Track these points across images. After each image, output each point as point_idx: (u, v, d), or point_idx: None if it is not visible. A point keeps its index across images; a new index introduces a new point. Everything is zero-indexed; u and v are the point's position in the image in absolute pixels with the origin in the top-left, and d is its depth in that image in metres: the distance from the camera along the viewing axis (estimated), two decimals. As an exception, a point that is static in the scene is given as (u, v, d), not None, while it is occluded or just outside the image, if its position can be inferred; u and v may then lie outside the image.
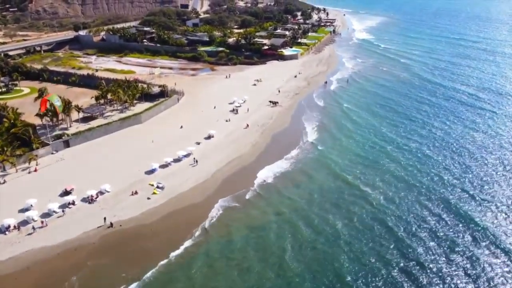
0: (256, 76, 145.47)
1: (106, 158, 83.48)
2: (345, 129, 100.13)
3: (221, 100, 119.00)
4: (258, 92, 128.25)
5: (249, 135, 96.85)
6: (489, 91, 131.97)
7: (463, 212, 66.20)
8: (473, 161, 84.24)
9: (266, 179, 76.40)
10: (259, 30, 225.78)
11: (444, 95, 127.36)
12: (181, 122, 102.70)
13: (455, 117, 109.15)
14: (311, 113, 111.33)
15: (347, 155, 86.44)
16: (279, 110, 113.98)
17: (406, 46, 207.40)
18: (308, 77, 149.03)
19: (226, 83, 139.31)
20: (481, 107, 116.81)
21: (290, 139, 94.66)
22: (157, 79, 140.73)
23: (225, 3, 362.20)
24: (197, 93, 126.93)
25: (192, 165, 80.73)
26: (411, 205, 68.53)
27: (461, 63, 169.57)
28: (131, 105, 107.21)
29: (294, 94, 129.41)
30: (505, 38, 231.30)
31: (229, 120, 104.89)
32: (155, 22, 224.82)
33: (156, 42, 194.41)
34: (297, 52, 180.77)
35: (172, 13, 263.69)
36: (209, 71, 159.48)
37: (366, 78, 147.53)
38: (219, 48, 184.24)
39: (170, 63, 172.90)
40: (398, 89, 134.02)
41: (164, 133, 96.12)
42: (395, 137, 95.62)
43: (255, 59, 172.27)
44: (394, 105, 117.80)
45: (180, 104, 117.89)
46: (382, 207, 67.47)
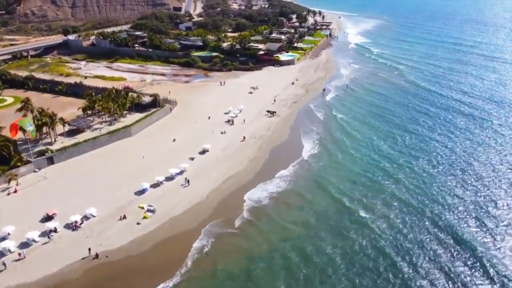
0: (252, 83, 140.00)
1: (93, 177, 77.50)
2: (344, 145, 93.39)
3: (216, 110, 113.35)
4: (254, 101, 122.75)
5: (246, 149, 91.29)
6: (490, 101, 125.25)
7: (470, 242, 60.10)
8: (478, 180, 77.73)
9: (262, 200, 70.61)
10: (254, 34, 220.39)
11: (444, 105, 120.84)
12: (174, 134, 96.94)
13: (456, 130, 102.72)
14: (310, 125, 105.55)
15: (345, 174, 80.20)
16: (277, 121, 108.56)
17: (403, 51, 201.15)
18: (306, 84, 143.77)
19: (221, 91, 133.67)
20: (483, 118, 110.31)
21: (289, 154, 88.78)
22: (149, 86, 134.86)
23: (219, 5, 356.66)
24: (190, 102, 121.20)
25: (183, 185, 74.76)
26: (415, 233, 62.48)
27: (459, 70, 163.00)
28: (121, 117, 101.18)
29: (292, 102, 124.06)
30: (502, 43, 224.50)
31: (225, 132, 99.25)
32: (147, 26, 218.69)
33: (148, 47, 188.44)
34: (294, 57, 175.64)
35: (164, 16, 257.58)
36: (203, 78, 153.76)
37: (363, 86, 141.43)
38: (213, 53, 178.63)
39: (163, 69, 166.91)
40: (396, 98, 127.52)
41: (155, 147, 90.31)
42: (395, 153, 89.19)
43: (251, 64, 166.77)
44: (393, 117, 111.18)
45: (173, 114, 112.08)
46: (384, 236, 61.47)
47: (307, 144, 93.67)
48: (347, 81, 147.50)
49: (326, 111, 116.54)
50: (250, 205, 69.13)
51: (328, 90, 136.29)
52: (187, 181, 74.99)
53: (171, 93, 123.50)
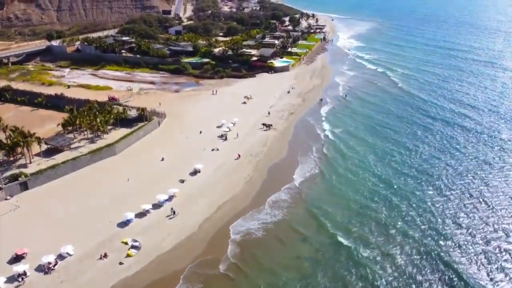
0: (246, 92, 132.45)
1: (71, 205, 69.44)
2: (342, 165, 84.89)
3: (208, 123, 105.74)
4: (248, 112, 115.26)
5: (242, 168, 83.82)
6: (492, 112, 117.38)
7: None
8: (489, 210, 69.50)
9: (254, 233, 63.07)
10: (246, 38, 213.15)
11: (444, 118, 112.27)
12: (162, 152, 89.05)
13: (459, 146, 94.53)
14: (308, 140, 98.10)
15: (343, 202, 71.79)
16: (274, 135, 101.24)
17: (398, 57, 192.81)
18: (302, 93, 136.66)
19: (213, 101, 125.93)
20: (486, 133, 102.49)
21: (288, 174, 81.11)
22: (136, 96, 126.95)
23: (209, 8, 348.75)
24: (181, 114, 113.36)
25: (169, 217, 66.73)
26: (422, 275, 55.01)
27: (457, 78, 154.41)
28: (104, 133, 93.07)
29: (289, 113, 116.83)
30: (500, 47, 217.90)
31: (218, 149, 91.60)
32: (135, 31, 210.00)
33: (136, 53, 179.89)
34: (288, 63, 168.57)
35: (153, 20, 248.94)
36: (194, 86, 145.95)
37: (360, 97, 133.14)
38: (204, 59, 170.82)
39: (151, 76, 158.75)
40: (394, 111, 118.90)
41: (142, 168, 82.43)
42: (396, 175, 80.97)
43: (244, 71, 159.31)
44: (392, 132, 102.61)
45: (162, 128, 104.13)
46: (388, 280, 54.11)
47: (305, 163, 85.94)
48: (345, 90, 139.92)
49: (324, 124, 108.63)
50: (239, 240, 61.36)
51: (325, 100, 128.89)
52: (173, 211, 66.95)
53: (160, 105, 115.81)
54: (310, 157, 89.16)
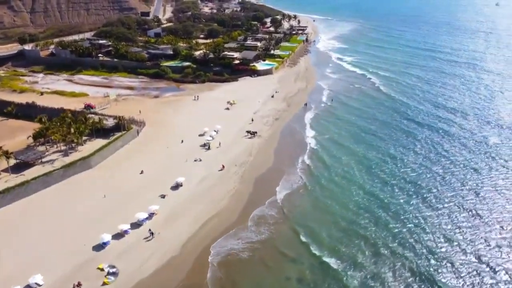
0: (229, 97, 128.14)
1: (42, 226, 64.01)
2: (327, 178, 79.95)
3: (190, 131, 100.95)
4: (232, 119, 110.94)
5: (226, 180, 79.47)
6: (477, 117, 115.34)
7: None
8: (482, 225, 65.56)
9: (239, 254, 58.76)
10: (227, 40, 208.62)
11: (430, 124, 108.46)
12: (141, 164, 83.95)
13: (447, 154, 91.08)
14: (295, 148, 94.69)
15: (328, 221, 66.99)
16: (259, 143, 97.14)
17: (380, 60, 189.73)
18: (287, 97, 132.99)
19: (195, 107, 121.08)
20: (475, 140, 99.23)
21: (274, 187, 77.15)
22: (114, 104, 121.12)
23: (190, 9, 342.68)
24: (161, 122, 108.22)
25: (147, 239, 61.66)
26: None
27: (441, 82, 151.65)
28: (79, 144, 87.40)
29: (274, 119, 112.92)
30: (481, 49, 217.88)
31: (200, 159, 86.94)
32: (112, 34, 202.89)
33: (113, 57, 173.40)
34: (272, 66, 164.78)
35: (131, 22, 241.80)
36: (174, 91, 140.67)
37: (345, 101, 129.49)
38: (185, 62, 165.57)
39: (130, 81, 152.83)
40: (379, 116, 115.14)
41: (120, 182, 77.20)
42: (385, 189, 76.15)
43: (226, 75, 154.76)
44: (378, 140, 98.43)
45: (141, 138, 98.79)
46: None
47: (291, 174, 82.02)
48: (329, 94, 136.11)
49: (310, 131, 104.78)
50: (222, 263, 56.92)
51: (310, 105, 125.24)
52: (151, 233, 61.91)
53: (141, 112, 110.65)
54: (296, 167, 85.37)
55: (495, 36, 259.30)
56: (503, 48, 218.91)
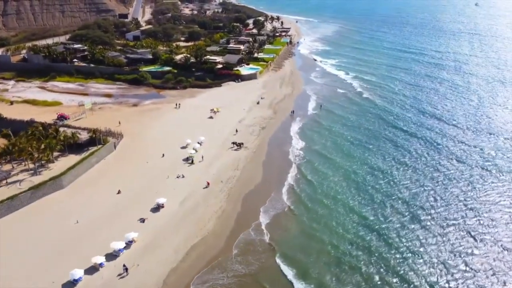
0: (212, 104, 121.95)
1: (5, 259, 56.69)
2: (314, 200, 73.01)
3: (171, 144, 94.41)
4: (216, 128, 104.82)
5: (212, 199, 73.36)
6: (467, 125, 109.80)
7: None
8: (486, 254, 59.72)
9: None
10: (209, 43, 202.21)
11: (421, 135, 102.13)
12: (119, 182, 77.10)
13: (441, 167, 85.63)
14: (282, 162, 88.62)
15: (316, 251, 60.18)
16: (246, 155, 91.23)
17: (364, 63, 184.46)
18: (273, 103, 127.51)
19: (176, 116, 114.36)
20: (469, 151, 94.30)
21: (262, 204, 71.78)
22: (90, 113, 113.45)
23: (169, 11, 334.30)
24: (140, 133, 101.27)
25: (120, 276, 54.62)
26: None
27: (428, 87, 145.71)
28: (50, 162, 79.99)
29: (260, 128, 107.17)
30: (467, 51, 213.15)
31: (183, 176, 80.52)
32: (88, 37, 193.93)
33: (90, 62, 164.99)
34: (256, 71, 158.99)
35: (108, 25, 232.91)
36: (154, 98, 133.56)
37: (332, 109, 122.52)
38: (165, 67, 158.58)
39: (107, 88, 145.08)
40: (367, 125, 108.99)
41: (94, 205, 70.27)
42: (378, 210, 69.67)
43: (209, 80, 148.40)
44: (368, 153, 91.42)
45: (118, 152, 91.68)
46: None
47: (279, 192, 76.07)
48: (316, 101, 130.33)
49: (298, 142, 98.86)
50: None
51: (297, 112, 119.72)
52: (125, 268, 54.82)
53: (117, 122, 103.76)
54: (284, 183, 79.24)
55: (478, 38, 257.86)
56: (487, 50, 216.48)
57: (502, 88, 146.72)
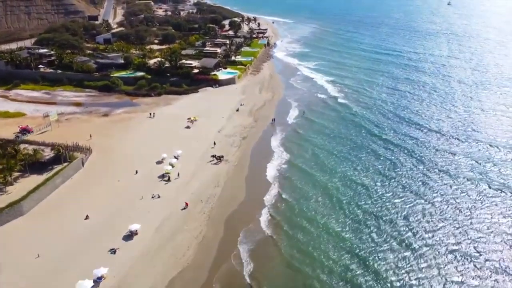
0: (189, 112, 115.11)
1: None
2: (300, 224, 66.44)
3: (145, 158, 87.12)
4: (194, 140, 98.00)
5: (191, 222, 66.78)
6: (453, 134, 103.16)
7: None
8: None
9: None
10: (184, 46, 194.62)
11: (405, 146, 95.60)
12: (87, 206, 69.43)
13: (428, 182, 79.43)
14: (266, 177, 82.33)
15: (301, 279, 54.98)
16: (227, 169, 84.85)
17: (344, 67, 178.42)
18: (253, 110, 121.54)
19: (151, 127, 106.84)
20: (457, 164, 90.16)
21: (245, 227, 65.70)
22: (56, 125, 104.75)
23: (142, 12, 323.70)
24: (111, 147, 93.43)
25: None
26: None
27: (408, 92, 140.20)
28: (8, 184, 71.67)
29: (241, 138, 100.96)
30: (444, 53, 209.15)
31: (159, 196, 73.49)
32: (56, 41, 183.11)
33: (57, 68, 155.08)
34: (234, 75, 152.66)
35: (77, 27, 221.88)
36: (126, 107, 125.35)
37: (312, 117, 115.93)
38: (138, 73, 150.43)
39: (75, 95, 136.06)
40: (348, 136, 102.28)
41: (59, 234, 62.55)
42: (364, 236, 63.39)
43: (185, 86, 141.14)
44: (352, 168, 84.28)
45: (87, 170, 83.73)
46: None
47: (263, 213, 69.64)
48: (297, 107, 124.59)
49: (281, 154, 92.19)
50: None
51: (278, 120, 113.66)
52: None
53: (86, 134, 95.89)
54: (267, 204, 72.63)
55: (455, 38, 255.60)
56: (465, 52, 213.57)
57: (483, 91, 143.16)
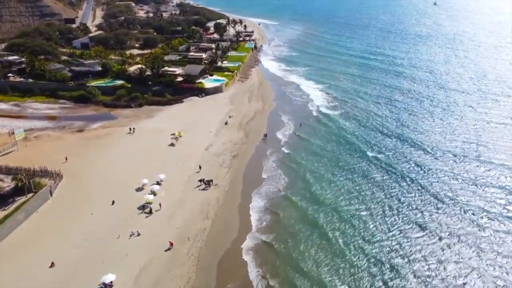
0: (172, 126, 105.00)
1: None
2: (300, 270, 58.05)
3: (124, 185, 76.60)
4: (179, 160, 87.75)
5: (177, 268, 56.66)
6: (459, 154, 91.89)
7: None
8: None
9: None
10: (167, 51, 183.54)
11: (405, 170, 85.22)
12: (53, 249, 58.76)
13: (433, 217, 70.63)
14: (261, 204, 72.77)
15: None
16: (217, 196, 74.91)
17: (335, 74, 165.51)
18: (243, 123, 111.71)
19: (130, 145, 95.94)
20: (462, 188, 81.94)
21: (240, 271, 56.08)
22: (23, 144, 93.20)
23: (122, 13, 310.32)
24: (84, 171, 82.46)
25: None
26: None
27: (403, 102, 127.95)
28: (-42, 224, 60.50)
29: (232, 157, 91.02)
30: (439, 59, 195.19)
31: (138, 233, 63.07)
32: (28, 46, 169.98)
33: (28, 76, 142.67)
34: (221, 83, 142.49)
35: (52, 31, 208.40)
36: (104, 120, 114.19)
37: (307, 135, 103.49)
38: (117, 81, 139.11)
39: (48, 108, 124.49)
40: (346, 158, 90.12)
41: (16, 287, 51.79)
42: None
43: (168, 96, 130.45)
44: (350, 198, 75.58)
45: (55, 201, 72.64)
46: None
47: (259, 253, 60.50)
48: (290, 121, 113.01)
49: (276, 178, 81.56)
50: None
51: (271, 136, 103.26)
52: None
53: (62, 159, 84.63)
54: (262, 242, 63.13)
55: (447, 42, 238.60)
56: (460, 56, 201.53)
57: (487, 101, 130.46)
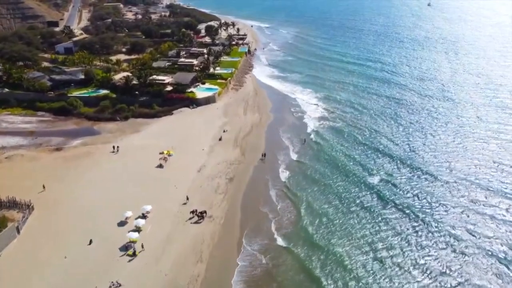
0: (161, 143, 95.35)
1: None
2: None
3: (104, 218, 66.60)
4: (168, 185, 77.79)
5: (165, 331, 46.70)
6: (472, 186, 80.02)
7: None
8: None
9: None
10: (156, 56, 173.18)
11: (406, 203, 75.26)
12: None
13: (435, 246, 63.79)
14: (261, 239, 63.55)
15: None
16: (212, 231, 65.19)
17: (335, 84, 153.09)
18: (239, 138, 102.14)
19: (113, 167, 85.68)
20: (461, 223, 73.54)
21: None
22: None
23: (110, 15, 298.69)
24: (59, 200, 72.18)
25: None
26: None
27: (413, 124, 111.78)
28: None
29: (227, 180, 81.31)
30: (444, 67, 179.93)
31: (119, 285, 53.03)
32: (5, 52, 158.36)
33: (4, 86, 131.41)
34: (214, 92, 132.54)
35: (33, 35, 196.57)
36: (86, 136, 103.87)
37: (306, 160, 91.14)
38: (101, 91, 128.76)
39: (24, 121, 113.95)
40: (350, 189, 78.81)
41: None
42: None
43: (156, 107, 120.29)
44: (354, 234, 67.60)
45: (23, 239, 62.19)
46: None
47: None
48: (289, 140, 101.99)
49: (278, 211, 71.34)
50: None
51: (270, 154, 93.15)
52: None
53: (43, 188, 74.30)
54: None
55: (449, 47, 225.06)
56: (465, 63, 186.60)
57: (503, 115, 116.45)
